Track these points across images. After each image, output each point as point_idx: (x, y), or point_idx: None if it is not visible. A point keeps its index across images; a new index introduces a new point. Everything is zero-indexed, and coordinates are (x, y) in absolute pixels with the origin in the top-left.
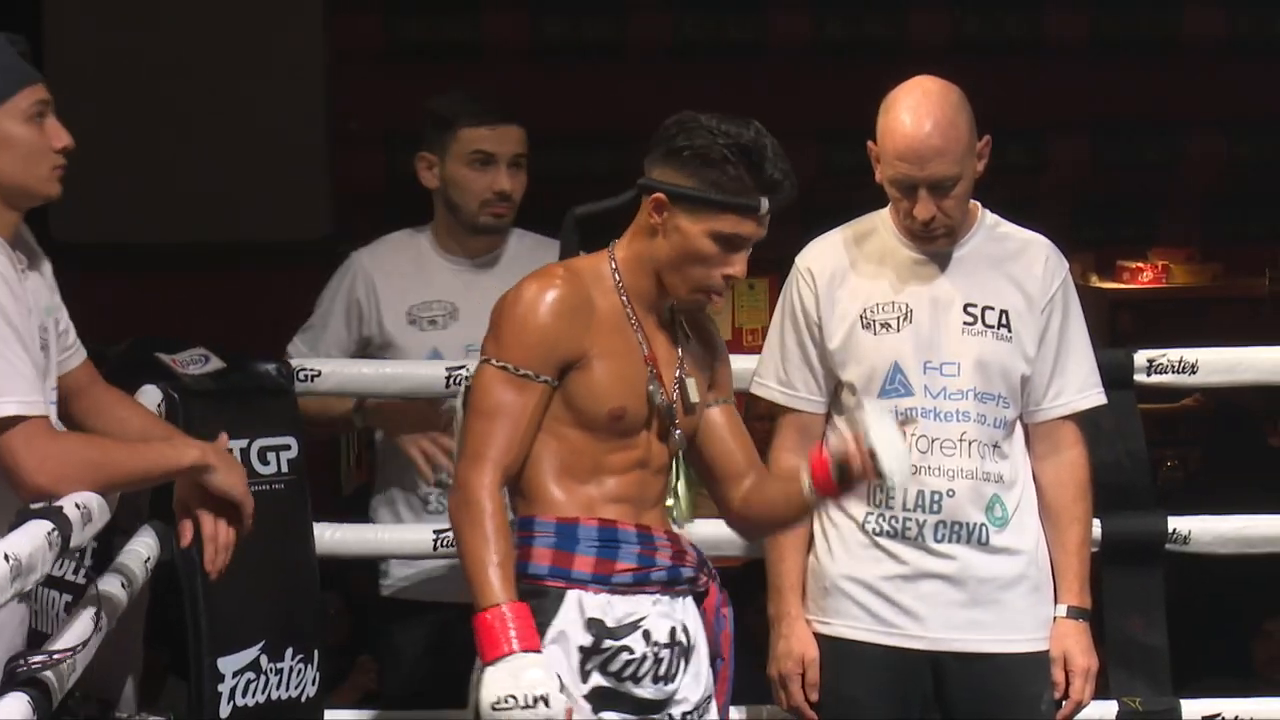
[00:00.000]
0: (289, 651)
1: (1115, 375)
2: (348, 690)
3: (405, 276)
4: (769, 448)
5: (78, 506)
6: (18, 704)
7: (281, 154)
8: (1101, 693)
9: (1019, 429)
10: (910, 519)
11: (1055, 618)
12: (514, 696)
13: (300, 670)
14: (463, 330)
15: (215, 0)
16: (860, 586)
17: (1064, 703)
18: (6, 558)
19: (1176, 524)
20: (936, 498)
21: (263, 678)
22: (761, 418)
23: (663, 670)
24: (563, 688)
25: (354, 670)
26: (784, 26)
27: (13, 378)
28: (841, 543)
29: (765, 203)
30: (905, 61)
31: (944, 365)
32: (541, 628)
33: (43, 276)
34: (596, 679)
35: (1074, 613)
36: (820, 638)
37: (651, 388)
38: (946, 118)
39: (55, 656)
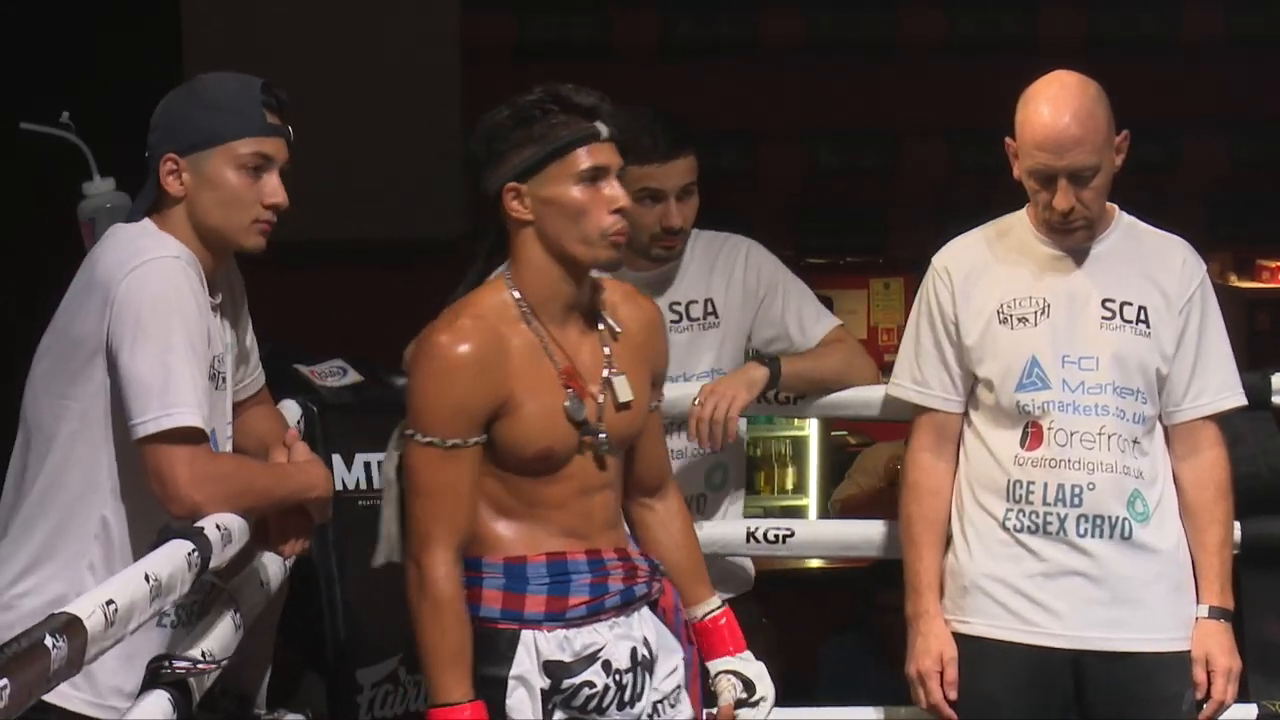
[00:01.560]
0: None
1: (1253, 398)
2: None
3: None
4: (907, 447)
5: (218, 528)
6: (159, 702)
7: (416, 151)
8: (1241, 696)
9: (1159, 429)
10: (1051, 513)
11: (1197, 618)
12: None
13: None
14: None
15: None
16: (1000, 585)
17: (1205, 703)
18: (148, 578)
19: None
20: (1077, 491)
21: (401, 690)
22: None
23: (628, 695)
24: None
25: None
26: (916, 24)
27: (190, 390)
28: (980, 541)
29: (601, 126)
30: (1038, 59)
31: (1082, 359)
32: (498, 673)
33: (232, 319)
34: (559, 715)
35: (1215, 613)
36: (958, 637)
37: (568, 404)
38: (1085, 108)
39: (199, 665)
